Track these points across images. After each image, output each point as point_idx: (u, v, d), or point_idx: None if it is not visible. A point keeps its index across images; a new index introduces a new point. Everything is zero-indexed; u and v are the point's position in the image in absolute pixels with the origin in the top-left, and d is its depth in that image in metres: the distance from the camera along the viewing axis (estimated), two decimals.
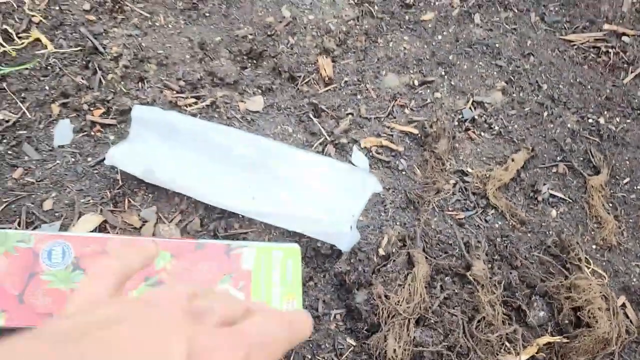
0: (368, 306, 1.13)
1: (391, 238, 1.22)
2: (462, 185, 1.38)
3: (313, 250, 1.21)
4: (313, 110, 1.49)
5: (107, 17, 1.57)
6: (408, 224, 1.30)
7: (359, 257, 1.17)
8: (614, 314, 1.15)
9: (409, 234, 1.25)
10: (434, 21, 1.75)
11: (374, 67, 1.62)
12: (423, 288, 1.13)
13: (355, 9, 1.76)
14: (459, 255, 1.25)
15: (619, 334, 1.13)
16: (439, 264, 1.21)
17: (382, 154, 1.42)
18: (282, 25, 1.66)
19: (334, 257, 1.21)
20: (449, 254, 1.25)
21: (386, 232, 1.23)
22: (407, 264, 1.20)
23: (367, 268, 1.17)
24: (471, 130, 1.49)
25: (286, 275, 1.00)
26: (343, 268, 1.15)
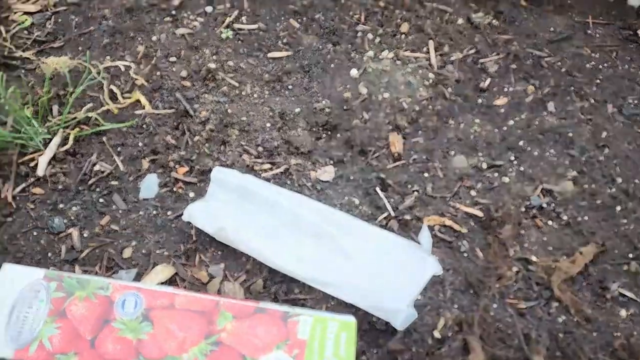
0: None
1: (448, 321, 1.21)
2: (525, 274, 1.37)
3: (368, 324, 1.23)
4: (380, 184, 1.54)
5: (200, 84, 1.73)
6: (466, 308, 1.29)
7: (413, 338, 1.17)
8: None
9: (467, 318, 1.24)
10: (506, 106, 1.78)
11: (443, 146, 1.66)
12: None
13: (430, 90, 1.83)
14: (517, 347, 1.22)
15: None
16: (496, 354, 1.19)
17: (445, 233, 1.44)
18: (358, 101, 1.76)
19: (388, 333, 1.22)
20: (506, 344, 1.22)
21: (443, 314, 1.23)
22: (462, 350, 1.19)
23: (421, 349, 1.16)
24: (538, 218, 1.48)
25: (339, 348, 1.03)
26: (397, 347, 1.16)
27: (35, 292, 1.01)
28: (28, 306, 0.99)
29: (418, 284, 1.22)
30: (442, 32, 2.02)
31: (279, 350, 1.00)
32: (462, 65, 1.93)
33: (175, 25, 1.92)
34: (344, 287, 1.23)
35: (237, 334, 1.01)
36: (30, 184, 1.48)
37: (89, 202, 1.45)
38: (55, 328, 0.98)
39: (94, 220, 1.42)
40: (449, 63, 1.93)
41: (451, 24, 2.07)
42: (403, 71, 1.87)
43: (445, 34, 2.02)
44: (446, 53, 1.97)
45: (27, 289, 1.01)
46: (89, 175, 1.50)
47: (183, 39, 1.87)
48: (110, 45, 1.84)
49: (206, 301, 1.04)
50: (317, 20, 2.03)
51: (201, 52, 1.83)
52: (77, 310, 1.00)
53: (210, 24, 1.93)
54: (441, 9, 2.13)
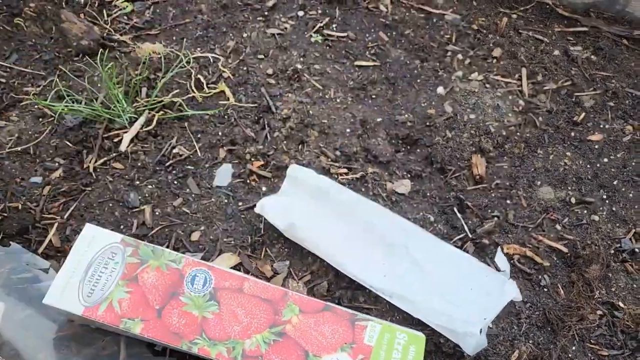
0: None
1: (522, 355, 1.12)
2: (610, 319, 1.25)
3: (434, 345, 1.15)
4: (458, 204, 1.47)
5: (285, 82, 1.73)
6: (542, 345, 1.19)
7: None
8: None
9: (543, 355, 1.14)
10: (601, 143, 1.68)
11: (529, 175, 1.57)
12: None
13: (519, 117, 1.75)
14: None
15: None
16: None
17: (525, 264, 1.34)
18: (442, 119, 1.70)
19: (455, 357, 1.13)
20: None
21: (518, 347, 1.14)
22: None
23: None
24: (629, 263, 1.36)
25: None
26: None
27: (112, 254, 1.01)
28: (104, 266, 0.99)
29: (494, 309, 1.14)
30: (536, 61, 1.95)
31: (343, 353, 0.94)
32: (555, 97, 1.84)
33: (267, 25, 1.94)
34: (413, 301, 1.16)
35: (302, 328, 0.96)
36: (112, 158, 1.51)
37: (164, 182, 1.46)
38: (126, 292, 0.96)
39: (167, 201, 1.42)
40: (542, 92, 1.85)
41: (546, 55, 1.99)
42: (492, 95, 1.81)
43: (539, 63, 1.94)
44: (539, 82, 1.88)
45: (105, 250, 1.01)
46: (167, 157, 1.52)
47: (273, 38, 1.89)
48: (202, 38, 1.88)
49: (275, 290, 1.01)
50: (407, 36, 2.00)
51: (289, 52, 1.83)
52: (149, 279, 0.98)
53: (301, 27, 1.94)
54: (537, 38, 2.06)
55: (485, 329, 1.12)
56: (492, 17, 2.13)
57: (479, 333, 1.10)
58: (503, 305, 1.15)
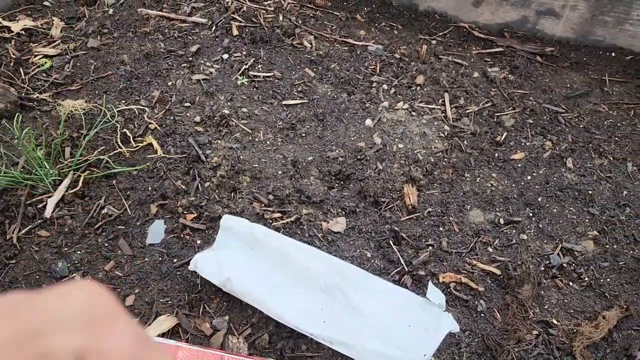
0: None
1: None
2: (545, 338, 1.29)
3: None
4: (394, 237, 1.49)
5: (213, 129, 1.72)
6: None
7: None
8: None
9: None
10: (524, 161, 1.75)
11: (459, 200, 1.62)
12: None
13: (445, 142, 1.80)
14: None
15: None
16: None
17: (461, 291, 1.38)
18: (372, 151, 1.73)
19: None
20: None
21: None
22: None
23: None
24: (559, 279, 1.42)
25: None
26: None
27: None
28: None
29: (433, 344, 1.16)
30: (457, 85, 2.02)
31: None
32: (477, 119, 1.91)
33: (192, 71, 1.93)
34: (353, 346, 1.16)
35: None
36: (36, 226, 1.45)
37: (94, 246, 1.42)
38: None
39: (97, 265, 1.38)
40: (465, 116, 1.92)
41: (466, 77, 2.07)
42: (418, 122, 1.86)
43: (460, 86, 2.01)
44: (462, 106, 1.95)
45: None
46: (96, 219, 1.47)
47: (198, 84, 1.88)
48: (126, 90, 1.85)
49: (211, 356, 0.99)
50: (333, 70, 2.04)
51: (216, 98, 1.83)
52: None
53: (227, 70, 1.94)
54: (457, 62, 2.14)
55: None
56: (413, 45, 2.20)
57: None
58: (441, 340, 1.17)
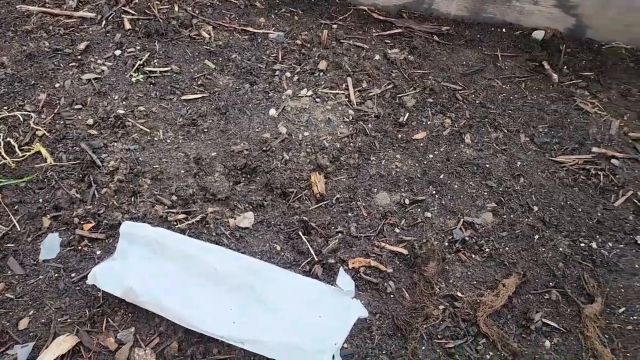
0: None
1: None
2: (452, 311, 1.35)
3: None
4: (303, 227, 1.49)
5: (109, 131, 1.63)
6: (395, 353, 1.25)
7: None
8: None
9: None
10: (425, 140, 1.80)
11: (366, 184, 1.64)
12: None
13: (350, 127, 1.82)
14: None
15: None
16: None
17: (371, 275, 1.40)
18: (277, 142, 1.71)
19: None
20: None
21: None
22: None
23: None
24: (462, 252, 1.48)
25: None
26: None
27: None
28: None
29: (343, 332, 1.17)
30: (359, 69, 2.03)
31: None
32: (380, 101, 1.94)
33: (81, 70, 1.82)
34: (265, 342, 1.15)
35: None
36: None
37: None
38: None
39: None
40: (368, 99, 1.94)
41: (368, 60, 2.08)
42: (323, 109, 1.86)
43: (362, 70, 2.03)
44: (365, 89, 1.97)
45: None
46: None
47: (89, 84, 1.77)
48: (8, 95, 1.71)
49: None
50: (234, 61, 1.99)
51: (109, 97, 1.73)
52: None
53: (120, 67, 1.84)
54: (358, 45, 2.15)
55: (337, 352, 1.15)
56: (315, 30, 2.19)
57: (332, 359, 1.12)
58: (350, 327, 1.18)
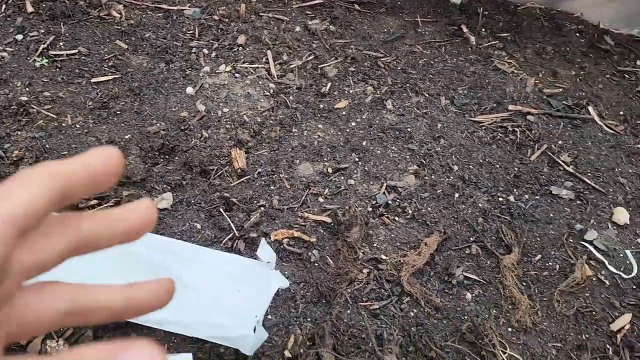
0: None
1: (298, 338, 1.16)
2: (376, 274, 1.36)
3: (217, 356, 1.15)
4: (224, 204, 1.47)
5: (11, 120, 1.54)
6: (319, 319, 1.25)
7: None
8: None
9: (318, 331, 1.20)
10: (347, 109, 1.79)
11: (288, 156, 1.62)
12: None
13: (271, 100, 1.79)
14: (371, 350, 1.20)
15: None
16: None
17: (294, 245, 1.39)
18: (196, 120, 1.67)
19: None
20: (361, 349, 1.20)
21: (293, 331, 1.18)
22: None
23: None
24: (385, 216, 1.49)
25: None
26: None
27: None
28: None
29: (264, 303, 1.16)
30: (280, 41, 2.00)
31: None
32: (302, 73, 1.92)
33: None
34: (184, 322, 1.13)
35: None
36: None
37: None
38: None
39: None
40: (289, 71, 1.91)
41: (288, 33, 2.05)
42: (242, 84, 1.82)
43: (283, 42, 2.00)
44: (286, 62, 1.95)
45: None
46: None
47: None
48: None
49: None
50: (148, 40, 1.91)
51: (11, 84, 1.63)
52: None
53: (22, 52, 1.74)
54: (278, 18, 2.12)
55: (260, 324, 1.14)
56: (232, 4, 2.14)
57: (253, 332, 1.11)
58: (271, 298, 1.18)
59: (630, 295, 1.38)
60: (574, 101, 1.93)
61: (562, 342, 1.27)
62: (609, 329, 1.30)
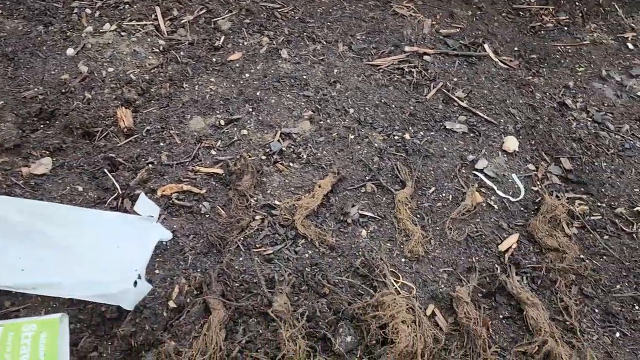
0: None
1: (183, 288, 1.13)
2: (270, 220, 1.34)
3: (98, 316, 1.10)
4: (109, 164, 1.40)
5: None
6: (210, 268, 1.22)
7: (144, 315, 1.07)
8: (419, 325, 1.13)
9: (206, 279, 1.17)
10: (241, 60, 1.74)
11: (179, 112, 1.56)
12: (219, 336, 1.06)
13: (160, 57, 1.72)
14: (262, 293, 1.18)
15: (425, 344, 1.10)
16: (241, 306, 1.14)
17: (184, 199, 1.35)
18: (77, 81, 1.58)
19: (121, 319, 1.10)
20: (252, 293, 1.18)
21: (177, 282, 1.15)
22: (204, 312, 1.12)
23: (156, 325, 1.07)
24: (280, 162, 1.47)
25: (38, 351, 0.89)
26: (127, 330, 1.05)
27: None
28: None
29: (144, 257, 1.12)
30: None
31: None
32: (194, 27, 1.84)
33: None
34: (61, 284, 1.08)
35: None
36: None
37: None
38: None
39: None
40: (181, 27, 1.84)
41: None
42: (129, 42, 1.73)
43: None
44: (176, 17, 1.86)
45: None
46: None
47: None
48: None
49: None
50: (24, 3, 1.79)
51: None
52: None
53: None
54: None
55: (142, 278, 1.10)
56: None
57: (134, 286, 1.07)
58: (151, 251, 1.14)
59: (517, 217, 1.42)
60: (470, 40, 1.95)
61: (453, 266, 1.30)
62: (497, 250, 1.34)
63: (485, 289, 1.27)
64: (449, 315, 1.22)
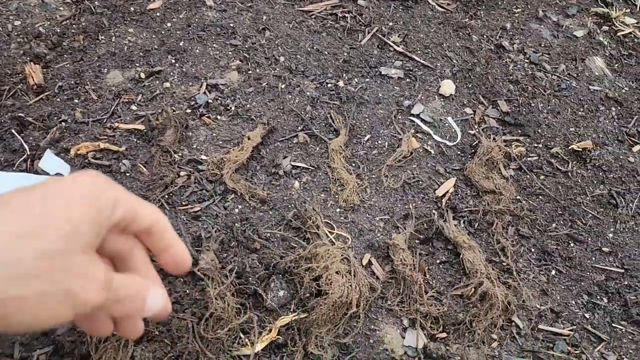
0: (74, 336, 0.96)
1: None
2: (197, 175, 1.26)
3: None
4: (18, 124, 1.28)
5: None
6: None
7: None
8: (354, 275, 1.09)
9: None
10: (162, 9, 1.62)
11: (95, 66, 1.44)
12: None
13: (72, 8, 1.57)
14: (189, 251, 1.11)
15: (361, 294, 1.07)
16: None
17: (102, 158, 1.26)
18: None
19: None
20: None
21: None
22: None
23: None
24: (206, 116, 1.38)
25: None
26: None
27: None
28: None
29: None
30: None
31: None
32: None
33: None
34: None
35: None
36: None
37: None
38: None
39: None
40: None
41: None
42: None
43: None
44: None
45: None
46: None
47: None
48: None
49: None
50: None
51: None
52: None
53: None
54: None
55: None
56: None
57: None
58: None
59: (454, 161, 1.39)
60: None
61: (389, 214, 1.26)
62: (434, 195, 1.31)
63: (423, 235, 1.24)
64: (386, 264, 1.18)
